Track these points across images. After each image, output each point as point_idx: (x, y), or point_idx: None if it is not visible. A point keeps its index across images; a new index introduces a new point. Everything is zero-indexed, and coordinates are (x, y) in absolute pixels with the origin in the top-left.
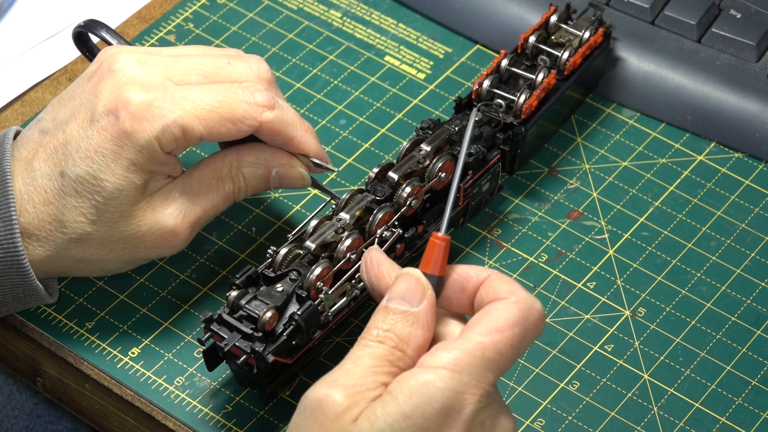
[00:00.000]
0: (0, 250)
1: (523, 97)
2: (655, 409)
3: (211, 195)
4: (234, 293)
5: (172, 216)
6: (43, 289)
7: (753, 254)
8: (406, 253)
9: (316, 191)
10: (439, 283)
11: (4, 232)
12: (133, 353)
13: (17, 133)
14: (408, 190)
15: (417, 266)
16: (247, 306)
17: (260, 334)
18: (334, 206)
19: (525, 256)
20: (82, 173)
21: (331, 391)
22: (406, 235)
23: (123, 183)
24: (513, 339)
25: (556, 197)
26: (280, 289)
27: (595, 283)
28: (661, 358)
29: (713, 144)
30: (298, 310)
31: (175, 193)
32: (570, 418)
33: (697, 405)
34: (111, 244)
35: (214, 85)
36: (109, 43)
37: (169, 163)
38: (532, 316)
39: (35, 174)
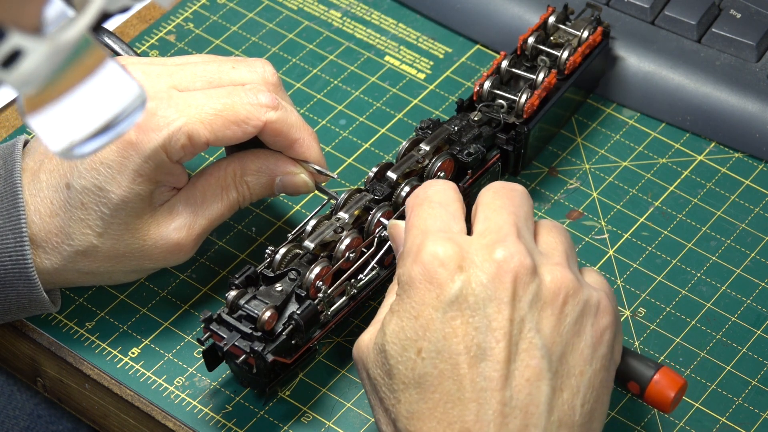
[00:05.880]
0: (9, 261)
1: (524, 97)
2: (655, 409)
3: (216, 205)
4: (233, 293)
5: (176, 230)
6: (48, 299)
7: (753, 254)
8: None
9: (315, 191)
10: None
11: (14, 243)
12: (133, 353)
13: (26, 143)
14: (407, 189)
15: None
16: (246, 306)
17: (259, 334)
18: (333, 206)
19: None
20: (88, 185)
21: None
22: None
23: (129, 194)
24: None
25: (556, 197)
26: (279, 288)
27: None
28: (661, 358)
29: (713, 144)
30: (298, 309)
31: (179, 207)
32: None
33: (697, 405)
34: (117, 257)
35: (217, 90)
36: (111, 48)
37: (175, 172)
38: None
39: (41, 185)
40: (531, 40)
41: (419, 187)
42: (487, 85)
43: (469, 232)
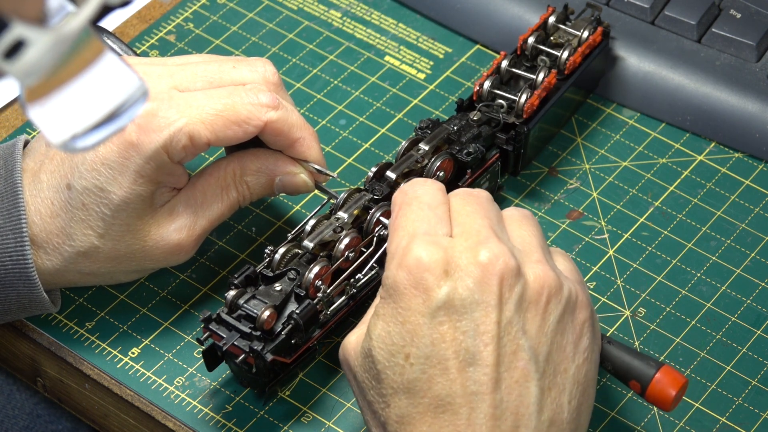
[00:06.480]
0: (9, 261)
1: (524, 97)
2: (655, 409)
3: (216, 205)
4: (232, 293)
5: (177, 231)
6: (48, 300)
7: (753, 254)
8: None
9: (315, 191)
10: None
11: (14, 243)
12: (133, 353)
13: (26, 144)
14: None
15: None
16: (245, 305)
17: (259, 333)
18: (332, 205)
19: None
20: (89, 185)
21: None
22: None
23: (130, 195)
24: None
25: (556, 197)
26: (278, 288)
27: (595, 283)
28: (661, 358)
29: (713, 144)
30: (297, 309)
31: (180, 207)
32: None
33: (697, 405)
34: (118, 258)
35: (218, 90)
36: (111, 49)
37: (176, 173)
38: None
39: (42, 186)
40: (531, 40)
41: (407, 185)
42: (487, 85)
43: None
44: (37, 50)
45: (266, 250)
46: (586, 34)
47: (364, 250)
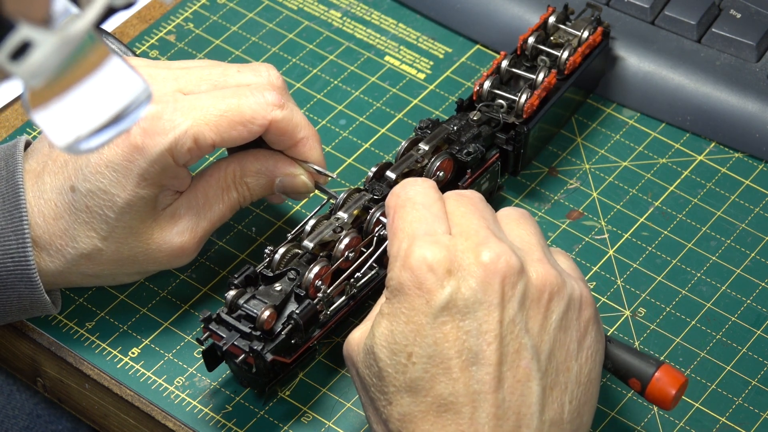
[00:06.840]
0: (11, 262)
1: (524, 97)
2: (655, 409)
3: (217, 206)
4: (232, 293)
5: (179, 234)
6: (50, 301)
7: (753, 254)
8: None
9: (315, 191)
10: None
11: (16, 245)
12: (133, 353)
13: (27, 145)
14: None
15: None
16: (245, 305)
17: (259, 333)
18: (332, 205)
19: None
20: (92, 188)
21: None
22: None
23: (133, 198)
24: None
25: (556, 197)
26: (278, 288)
27: (595, 283)
28: (661, 358)
29: (713, 144)
30: (297, 309)
31: (181, 210)
32: None
33: (697, 405)
34: (121, 261)
35: (222, 90)
36: (115, 52)
37: (180, 176)
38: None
39: (45, 187)
40: (531, 40)
41: (398, 187)
42: (487, 85)
43: None
44: (43, 51)
45: (266, 250)
46: (586, 34)
47: (364, 250)
